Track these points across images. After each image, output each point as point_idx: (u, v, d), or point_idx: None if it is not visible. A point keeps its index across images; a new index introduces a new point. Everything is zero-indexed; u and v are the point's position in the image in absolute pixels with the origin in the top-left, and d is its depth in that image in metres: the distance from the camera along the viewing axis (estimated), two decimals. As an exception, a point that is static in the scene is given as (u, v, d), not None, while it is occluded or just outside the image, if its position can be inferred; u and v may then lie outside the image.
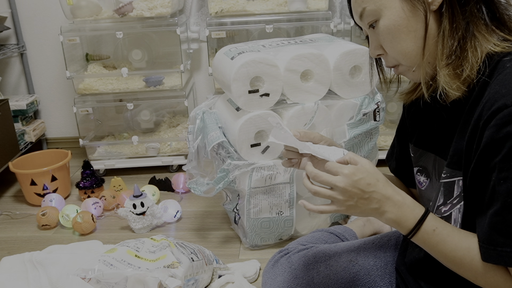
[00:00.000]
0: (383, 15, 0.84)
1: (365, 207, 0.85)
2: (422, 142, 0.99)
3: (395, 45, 0.85)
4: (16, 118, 2.45)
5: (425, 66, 0.85)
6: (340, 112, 1.65)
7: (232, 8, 2.17)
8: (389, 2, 0.83)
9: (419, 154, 0.99)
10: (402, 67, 0.90)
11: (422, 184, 0.98)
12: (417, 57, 0.85)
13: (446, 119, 0.90)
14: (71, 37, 2.23)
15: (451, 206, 0.87)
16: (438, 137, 0.94)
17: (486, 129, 0.75)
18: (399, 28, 0.83)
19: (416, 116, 1.01)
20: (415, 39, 0.83)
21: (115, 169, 2.39)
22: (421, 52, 0.84)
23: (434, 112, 0.94)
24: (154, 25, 2.24)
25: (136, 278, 1.27)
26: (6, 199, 2.25)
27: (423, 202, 0.99)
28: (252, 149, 1.58)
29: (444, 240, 0.83)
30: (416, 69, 0.87)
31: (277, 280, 1.17)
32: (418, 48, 0.84)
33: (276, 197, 1.63)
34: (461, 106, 0.85)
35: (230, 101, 1.68)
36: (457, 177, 0.85)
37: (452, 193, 0.86)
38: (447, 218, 0.87)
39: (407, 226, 0.85)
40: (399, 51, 0.86)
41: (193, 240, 1.81)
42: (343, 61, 1.60)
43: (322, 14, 2.18)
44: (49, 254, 1.65)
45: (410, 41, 0.84)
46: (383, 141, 2.34)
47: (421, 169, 0.99)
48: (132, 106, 2.33)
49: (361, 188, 0.84)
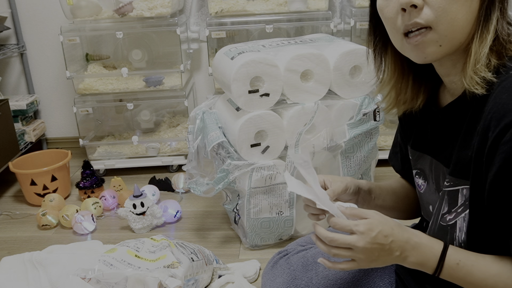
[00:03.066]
0: None
1: (386, 258, 0.82)
2: (418, 145, 0.97)
3: (448, 5, 0.74)
4: (16, 118, 2.45)
5: (455, 45, 0.78)
6: (340, 112, 1.65)
7: (232, 8, 2.17)
8: None
9: (417, 156, 0.98)
10: (431, 35, 0.77)
11: (421, 187, 0.97)
12: (459, 30, 0.76)
13: (442, 122, 0.89)
14: (71, 37, 2.23)
15: (456, 214, 0.85)
16: (433, 139, 0.92)
17: (501, 144, 0.72)
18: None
19: (412, 118, 0.99)
20: (468, 10, 0.75)
21: (115, 169, 2.39)
22: (465, 27, 0.76)
23: (429, 115, 0.93)
24: (154, 25, 2.24)
25: (136, 278, 1.27)
26: (6, 199, 2.25)
27: (423, 205, 0.98)
28: (252, 149, 1.58)
29: (471, 272, 0.80)
30: (444, 45, 0.78)
31: (276, 281, 1.17)
32: (466, 21, 0.76)
33: (276, 197, 1.63)
34: (458, 110, 0.83)
35: (230, 101, 1.68)
36: (461, 186, 0.83)
37: (456, 202, 0.84)
38: (452, 226, 0.86)
39: (431, 266, 0.82)
40: (451, 12, 0.74)
41: (193, 240, 1.81)
42: (343, 61, 1.60)
43: (322, 14, 2.18)
44: (49, 254, 1.65)
45: (465, 8, 0.75)
46: (383, 141, 2.34)
47: (419, 171, 0.97)
48: (132, 106, 2.33)
49: (381, 243, 0.80)
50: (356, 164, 1.71)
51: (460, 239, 0.85)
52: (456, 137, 0.84)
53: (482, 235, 0.83)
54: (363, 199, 1.01)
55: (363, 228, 0.80)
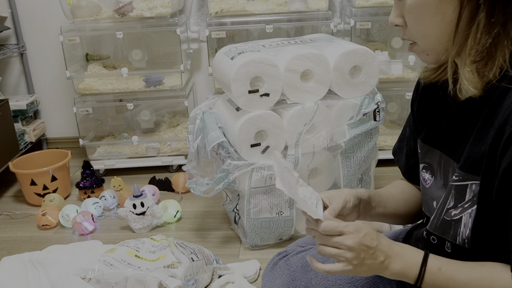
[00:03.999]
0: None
1: (371, 262, 0.84)
2: (429, 139, 0.96)
3: (418, 23, 0.80)
4: (16, 118, 2.45)
5: (441, 53, 0.82)
6: (340, 112, 1.65)
7: (232, 8, 2.17)
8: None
9: (426, 150, 0.97)
10: (417, 47, 0.85)
11: (427, 181, 0.96)
12: (436, 42, 0.81)
13: (458, 117, 0.88)
14: (71, 37, 2.23)
15: (462, 210, 0.85)
16: (447, 134, 0.91)
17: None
18: (428, 7, 0.78)
19: (426, 111, 0.98)
20: (441, 23, 0.78)
21: (115, 169, 2.39)
22: (442, 38, 0.80)
23: (445, 108, 0.92)
24: (154, 25, 2.24)
25: (136, 278, 1.27)
26: (6, 199, 2.25)
27: (426, 200, 0.97)
28: (252, 149, 1.58)
29: (453, 277, 0.81)
30: (430, 54, 0.83)
31: (276, 282, 1.17)
32: (441, 33, 0.79)
33: (276, 197, 1.63)
34: (476, 105, 0.82)
35: (230, 101, 1.68)
36: (470, 181, 0.82)
37: (463, 197, 0.84)
38: (456, 221, 0.86)
39: (413, 273, 0.83)
40: (420, 30, 0.81)
41: (193, 240, 1.81)
42: (343, 61, 1.60)
43: (322, 14, 2.18)
44: (49, 254, 1.65)
45: (435, 23, 0.79)
46: (383, 141, 2.34)
47: (427, 165, 0.96)
48: (132, 106, 2.33)
49: (367, 245, 0.82)
50: (356, 164, 1.71)
51: (464, 235, 0.84)
52: (470, 133, 0.84)
53: (487, 233, 0.82)
54: (364, 209, 1.01)
55: (352, 228, 0.83)
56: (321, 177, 1.69)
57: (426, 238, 0.94)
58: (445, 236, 0.89)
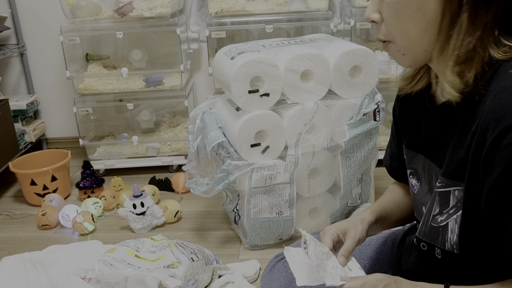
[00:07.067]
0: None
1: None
2: (413, 144, 0.95)
3: (398, 18, 0.77)
4: (16, 118, 2.45)
5: (419, 53, 0.79)
6: (340, 112, 1.65)
7: (232, 8, 2.17)
8: None
9: (411, 156, 0.96)
10: (392, 46, 0.81)
11: (414, 187, 0.96)
12: (416, 41, 0.78)
13: (437, 121, 0.86)
14: (71, 37, 2.23)
15: (448, 216, 0.83)
16: (427, 138, 0.90)
17: (500, 146, 0.69)
18: (409, 2, 0.75)
19: (407, 116, 0.97)
20: (422, 21, 0.75)
21: (115, 169, 2.39)
22: (422, 38, 0.77)
23: (424, 112, 0.90)
24: (154, 25, 2.24)
25: (136, 278, 1.27)
26: (6, 199, 2.25)
27: (416, 205, 0.97)
28: (252, 149, 1.58)
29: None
30: (407, 54, 0.80)
31: (274, 285, 1.17)
32: (421, 31, 0.76)
33: (276, 197, 1.63)
34: (453, 109, 0.80)
35: (230, 101, 1.68)
36: (453, 187, 0.81)
37: (447, 203, 0.83)
38: (443, 228, 0.85)
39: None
40: (400, 27, 0.77)
41: (193, 240, 1.81)
42: (343, 61, 1.60)
43: (322, 14, 2.18)
44: (49, 254, 1.65)
45: (415, 20, 0.75)
46: (383, 141, 2.34)
47: (413, 171, 0.96)
48: (132, 106, 2.33)
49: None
50: (356, 164, 1.71)
51: (452, 241, 0.84)
52: (450, 137, 0.82)
53: (475, 237, 0.81)
54: (372, 231, 1.02)
55: (371, 283, 0.82)
56: (321, 177, 1.69)
57: (416, 244, 0.94)
58: (434, 243, 0.88)
